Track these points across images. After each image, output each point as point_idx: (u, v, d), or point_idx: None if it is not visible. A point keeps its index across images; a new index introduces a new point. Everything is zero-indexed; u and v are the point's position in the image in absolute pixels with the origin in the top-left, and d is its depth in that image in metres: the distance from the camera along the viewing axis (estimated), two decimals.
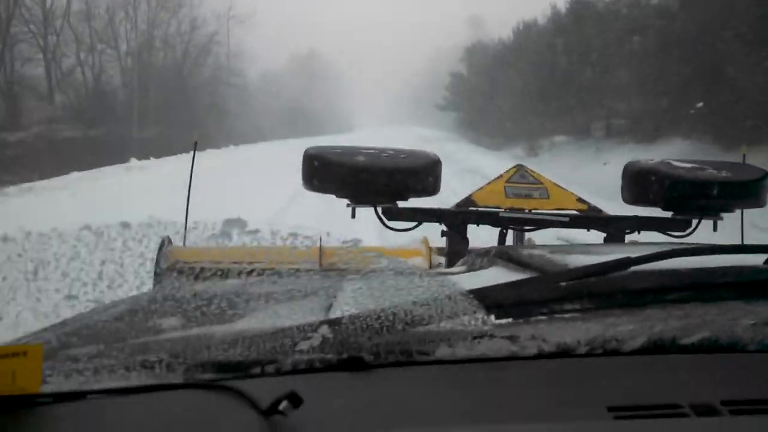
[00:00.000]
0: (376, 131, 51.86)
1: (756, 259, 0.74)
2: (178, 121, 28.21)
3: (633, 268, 0.70)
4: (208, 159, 14.72)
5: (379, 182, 1.66)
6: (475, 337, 0.63)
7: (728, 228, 1.83)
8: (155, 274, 1.83)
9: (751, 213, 1.92)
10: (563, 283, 0.68)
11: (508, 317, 0.66)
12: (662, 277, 0.69)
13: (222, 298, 0.80)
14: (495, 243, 1.86)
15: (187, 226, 1.82)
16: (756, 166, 1.79)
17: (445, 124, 71.48)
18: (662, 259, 0.71)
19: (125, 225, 2.16)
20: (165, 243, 1.89)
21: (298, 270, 1.76)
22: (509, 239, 1.92)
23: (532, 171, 1.94)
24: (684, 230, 1.77)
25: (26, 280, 2.27)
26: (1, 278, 2.48)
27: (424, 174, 1.70)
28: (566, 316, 0.67)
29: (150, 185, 10.39)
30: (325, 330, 0.61)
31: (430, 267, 1.81)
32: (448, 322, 0.63)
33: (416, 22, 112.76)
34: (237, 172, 12.47)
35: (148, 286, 1.40)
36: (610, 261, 0.72)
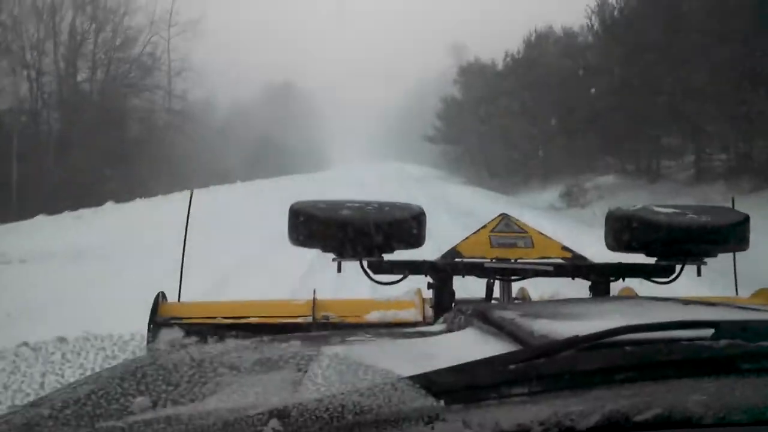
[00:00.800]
0: (355, 168, 49.10)
1: (703, 333, 0.77)
2: (109, 158, 24.73)
3: (581, 346, 0.74)
4: (112, 217, 12.87)
5: (364, 236, 1.71)
6: (427, 423, 0.66)
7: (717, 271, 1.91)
8: (149, 329, 1.87)
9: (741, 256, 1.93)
10: (511, 366, 0.71)
11: (458, 402, 0.68)
12: (609, 356, 0.73)
13: (194, 369, 0.82)
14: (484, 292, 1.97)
15: None
16: (737, 210, 1.87)
17: (432, 158, 65.84)
18: (609, 337, 0.75)
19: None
20: (159, 298, 1.94)
21: (292, 324, 1.96)
22: (497, 288, 1.98)
23: (516, 220, 2.04)
24: (668, 276, 1.84)
25: None
26: None
27: (408, 226, 1.76)
28: (516, 399, 0.70)
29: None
30: (274, 423, 0.64)
31: (424, 319, 1.89)
32: (399, 410, 0.66)
33: (395, 52, 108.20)
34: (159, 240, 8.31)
35: None
36: (559, 341, 0.76)
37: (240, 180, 27.69)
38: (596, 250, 2.24)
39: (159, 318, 1.89)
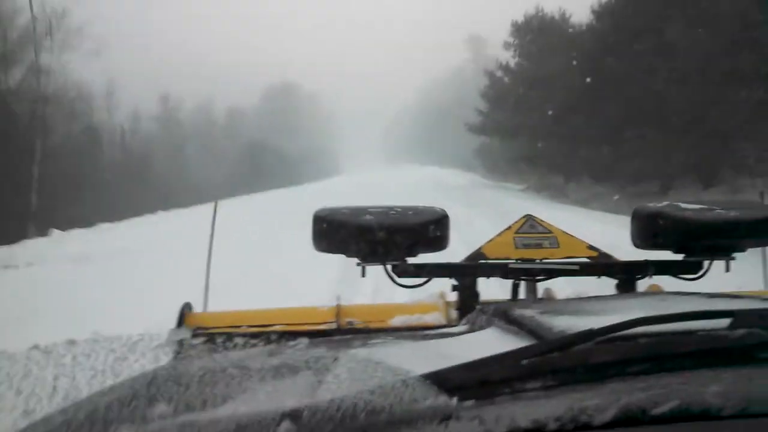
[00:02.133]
0: (369, 175, 46.28)
1: (720, 324, 0.80)
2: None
3: (596, 339, 0.78)
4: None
5: (387, 240, 1.81)
6: (441, 420, 0.69)
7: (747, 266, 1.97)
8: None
9: None
10: (525, 361, 0.75)
11: (471, 399, 0.71)
12: (624, 349, 0.77)
13: (212, 376, 0.87)
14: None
15: None
16: (766, 205, 1.98)
17: (455, 159, 62.73)
18: (625, 329, 0.78)
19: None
20: (184, 309, 2.09)
21: (316, 331, 2.02)
22: (522, 290, 2.08)
23: (541, 220, 2.12)
24: (696, 272, 1.91)
25: None
26: None
27: (432, 230, 1.84)
28: (530, 393, 0.73)
29: None
30: (287, 425, 0.68)
31: (448, 322, 1.98)
32: (411, 408, 0.69)
33: (407, 49, 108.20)
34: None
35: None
36: (573, 334, 0.80)
37: (237, 194, 25.41)
38: None
39: (184, 328, 2.00)
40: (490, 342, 0.99)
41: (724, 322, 0.80)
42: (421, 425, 0.69)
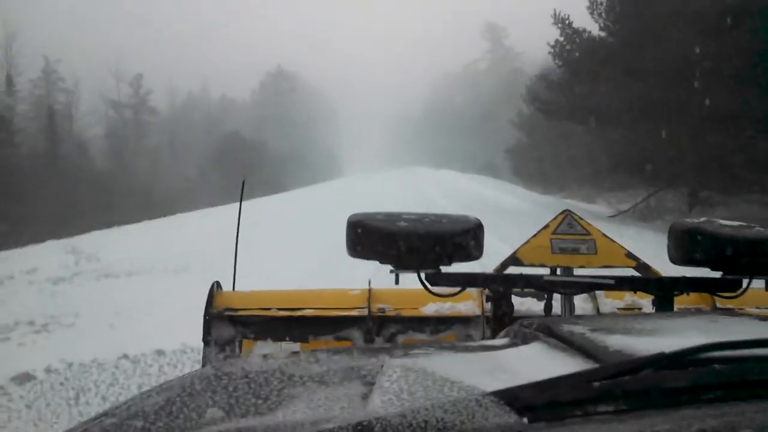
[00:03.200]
0: (372, 180, 38.20)
1: None
2: None
3: (667, 364, 0.80)
4: None
5: (422, 248, 1.85)
6: None
7: None
8: (204, 320, 2.13)
9: None
10: (596, 383, 0.77)
11: (541, 420, 0.74)
12: (697, 374, 0.79)
13: (263, 381, 0.91)
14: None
15: None
16: None
17: (468, 162, 52.98)
18: (696, 354, 0.81)
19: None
20: (214, 288, 2.21)
21: (347, 316, 2.16)
22: (557, 301, 2.15)
23: (579, 218, 2.17)
24: (734, 291, 1.96)
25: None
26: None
27: (466, 239, 1.89)
28: (601, 417, 0.75)
29: None
30: None
31: (482, 312, 2.17)
32: (482, 426, 0.72)
33: (416, 42, 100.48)
34: None
35: None
36: (644, 357, 0.83)
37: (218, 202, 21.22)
38: None
39: (214, 310, 2.14)
40: (543, 359, 1.01)
41: None
42: None
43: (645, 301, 2.19)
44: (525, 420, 0.72)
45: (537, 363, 0.94)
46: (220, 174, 36.43)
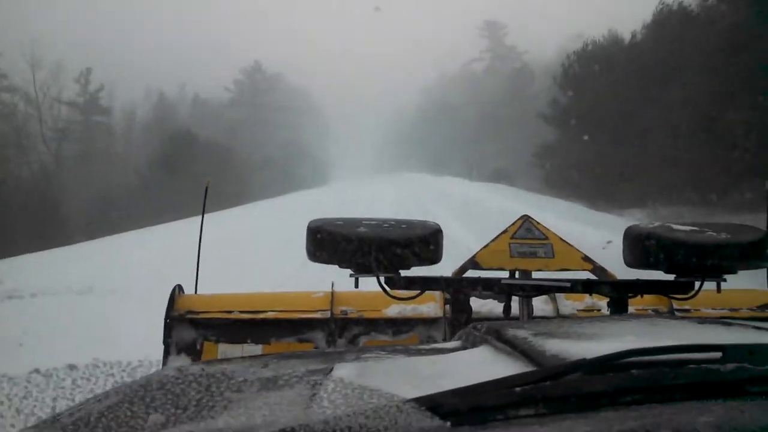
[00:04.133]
0: (362, 191, 31.66)
1: (711, 356, 0.88)
2: None
3: (589, 369, 0.86)
4: None
5: (381, 253, 1.90)
6: None
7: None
8: (165, 323, 2.16)
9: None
10: (518, 389, 0.82)
11: (464, 424, 0.78)
12: (615, 379, 0.84)
13: (205, 387, 0.93)
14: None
15: None
16: (757, 228, 2.08)
17: (473, 169, 47.04)
18: (618, 359, 0.86)
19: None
20: (176, 291, 2.22)
21: (310, 319, 2.19)
22: (515, 303, 2.25)
23: (538, 223, 2.23)
24: (687, 293, 2.03)
25: None
26: None
27: (425, 244, 1.94)
28: (523, 420, 0.79)
29: None
30: None
31: (444, 314, 2.26)
32: None
33: (411, 41, 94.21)
34: None
35: None
36: (566, 363, 0.88)
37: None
38: None
39: (175, 312, 2.16)
40: (483, 363, 1.06)
41: (716, 355, 0.87)
42: None
43: (604, 303, 2.20)
44: (448, 424, 0.76)
45: (477, 368, 0.99)
46: (167, 185, 29.97)
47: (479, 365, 1.01)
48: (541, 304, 2.29)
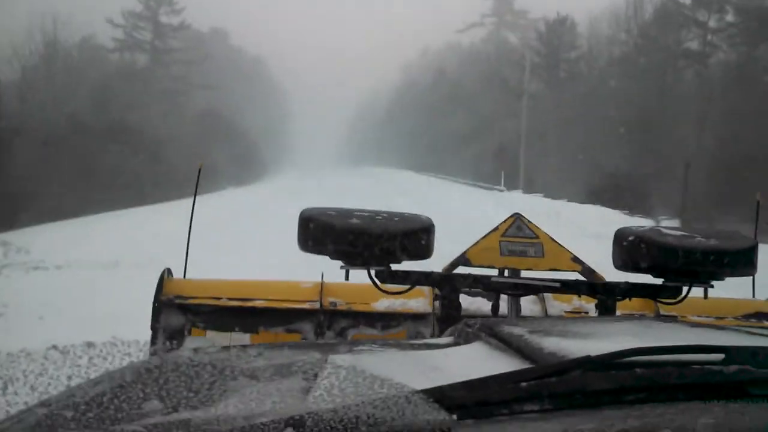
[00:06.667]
0: (304, 190, 24.58)
1: (713, 357, 0.91)
2: None
3: (594, 366, 0.89)
4: None
5: (373, 245, 1.94)
6: None
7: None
8: (154, 307, 2.16)
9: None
10: (524, 384, 0.85)
11: (469, 417, 0.81)
12: (620, 377, 0.87)
13: (205, 373, 0.94)
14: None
15: None
16: (746, 236, 2.13)
17: (454, 168, 40.10)
18: (621, 357, 0.89)
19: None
20: (165, 275, 2.24)
21: (299, 309, 2.20)
22: (503, 301, 2.29)
23: (529, 222, 2.28)
24: (674, 297, 2.10)
25: None
26: None
27: (417, 238, 1.98)
28: (528, 415, 0.83)
29: None
30: None
31: (433, 309, 2.29)
32: (412, 423, 0.78)
33: (383, 29, 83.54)
34: None
35: None
36: (571, 360, 0.91)
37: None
38: None
39: (164, 297, 2.16)
40: (480, 359, 1.08)
41: (718, 356, 0.90)
42: None
43: (591, 305, 2.26)
44: (454, 417, 0.78)
45: (475, 363, 1.01)
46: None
47: (475, 361, 1.03)
48: (529, 304, 2.39)
